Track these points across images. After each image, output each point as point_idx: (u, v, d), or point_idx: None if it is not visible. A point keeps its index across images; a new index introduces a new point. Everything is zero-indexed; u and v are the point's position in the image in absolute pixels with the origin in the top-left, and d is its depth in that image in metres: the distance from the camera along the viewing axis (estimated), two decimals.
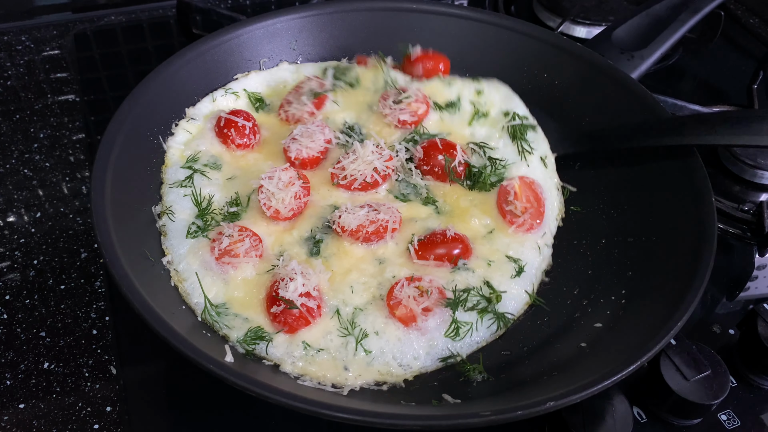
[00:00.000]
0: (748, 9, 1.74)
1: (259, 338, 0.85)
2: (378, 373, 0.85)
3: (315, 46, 1.25)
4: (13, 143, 1.27)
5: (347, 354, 0.85)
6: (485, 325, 0.90)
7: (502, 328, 0.91)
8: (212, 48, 1.16)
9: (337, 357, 0.85)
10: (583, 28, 1.55)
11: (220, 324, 0.86)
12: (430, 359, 0.87)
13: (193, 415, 0.88)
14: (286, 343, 0.85)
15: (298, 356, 0.84)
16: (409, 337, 0.87)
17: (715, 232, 0.89)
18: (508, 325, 0.91)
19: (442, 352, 0.87)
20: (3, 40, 1.52)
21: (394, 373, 0.85)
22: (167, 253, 0.93)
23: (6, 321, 0.99)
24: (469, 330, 0.89)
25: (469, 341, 0.89)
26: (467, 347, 0.89)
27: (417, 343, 0.87)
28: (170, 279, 0.91)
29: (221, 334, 0.86)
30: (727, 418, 0.90)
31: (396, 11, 1.27)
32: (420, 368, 0.87)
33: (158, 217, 0.97)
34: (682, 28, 1.28)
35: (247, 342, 0.84)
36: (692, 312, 0.80)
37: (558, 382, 0.81)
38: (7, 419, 0.87)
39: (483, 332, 0.90)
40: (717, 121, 0.96)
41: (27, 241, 1.10)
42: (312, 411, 0.70)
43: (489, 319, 0.91)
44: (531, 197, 0.97)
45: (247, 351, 0.84)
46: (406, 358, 0.86)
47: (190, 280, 0.90)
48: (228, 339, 0.86)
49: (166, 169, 1.03)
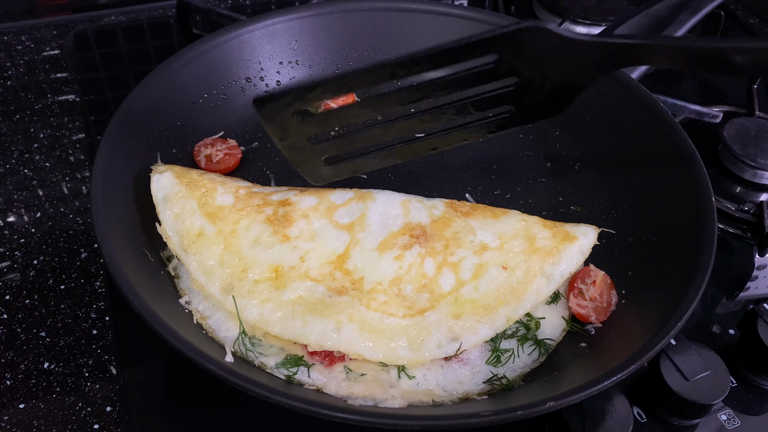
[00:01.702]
0: (748, 9, 1.74)
1: (298, 364, 0.83)
2: (424, 395, 0.83)
3: (315, 46, 1.25)
4: (13, 143, 1.27)
5: (391, 378, 0.84)
6: (526, 352, 0.88)
7: (544, 354, 0.88)
8: (212, 48, 1.16)
9: (382, 379, 0.83)
10: (583, 28, 1.55)
11: (254, 353, 0.84)
12: (474, 384, 0.85)
13: (193, 415, 0.88)
14: (328, 368, 0.83)
15: (341, 379, 0.82)
16: (452, 367, 0.86)
17: (715, 232, 0.89)
18: (549, 351, 0.89)
19: (486, 376, 0.85)
20: (3, 40, 1.52)
21: (439, 395, 0.83)
22: (183, 294, 0.91)
23: (6, 321, 0.99)
24: (511, 356, 0.87)
25: (512, 366, 0.87)
26: (510, 372, 0.86)
27: (460, 371, 0.86)
28: (170, 279, 0.91)
29: (257, 364, 0.84)
30: (727, 418, 0.90)
31: (396, 11, 1.27)
32: (464, 392, 0.84)
33: (167, 261, 0.94)
34: (682, 28, 1.28)
35: (286, 366, 0.83)
36: (692, 312, 0.80)
37: (558, 382, 0.81)
38: (7, 419, 0.87)
39: (525, 359, 0.88)
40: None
41: (27, 241, 1.10)
42: (312, 411, 0.70)
43: (530, 345, 0.89)
44: (605, 295, 0.92)
45: (288, 377, 0.82)
46: (449, 384, 0.84)
47: (214, 317, 0.88)
48: (265, 367, 0.83)
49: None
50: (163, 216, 0.94)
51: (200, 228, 0.92)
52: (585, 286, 0.92)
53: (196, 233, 0.92)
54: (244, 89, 1.20)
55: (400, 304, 0.86)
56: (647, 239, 0.97)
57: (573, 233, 0.94)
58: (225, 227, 0.92)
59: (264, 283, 0.87)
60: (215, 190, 0.96)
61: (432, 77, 0.85)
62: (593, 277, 0.92)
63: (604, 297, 0.91)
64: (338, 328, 0.82)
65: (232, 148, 1.11)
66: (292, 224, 0.92)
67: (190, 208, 0.94)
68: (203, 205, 0.94)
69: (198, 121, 1.13)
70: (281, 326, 0.83)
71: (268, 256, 0.89)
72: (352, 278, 0.88)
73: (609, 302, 0.91)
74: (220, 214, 0.94)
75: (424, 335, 0.84)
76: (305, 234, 0.92)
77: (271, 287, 0.86)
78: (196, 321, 0.88)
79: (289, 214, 0.93)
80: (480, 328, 0.85)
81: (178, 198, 0.95)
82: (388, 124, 0.90)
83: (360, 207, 0.95)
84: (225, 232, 0.92)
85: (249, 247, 0.90)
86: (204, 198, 0.95)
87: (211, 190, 0.96)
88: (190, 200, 0.95)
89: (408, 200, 0.97)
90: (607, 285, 0.92)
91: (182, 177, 0.98)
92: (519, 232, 0.93)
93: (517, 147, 1.18)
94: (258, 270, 0.88)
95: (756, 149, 1.24)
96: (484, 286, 0.88)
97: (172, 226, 0.93)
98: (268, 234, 0.91)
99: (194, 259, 0.90)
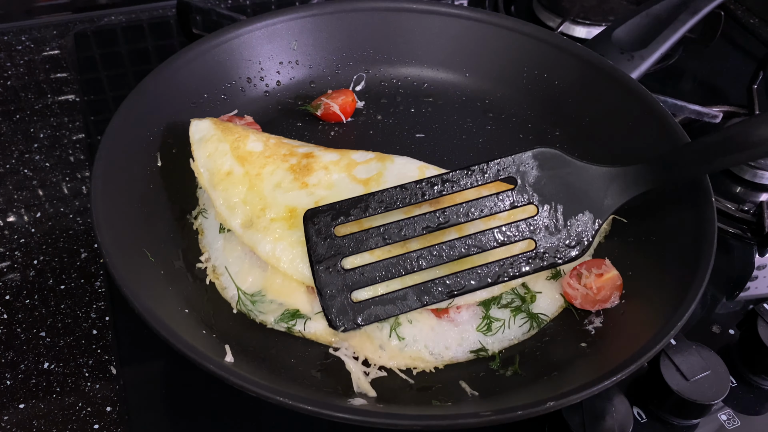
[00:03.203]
0: (748, 9, 1.74)
1: (296, 317, 0.89)
2: (410, 359, 0.87)
3: (315, 46, 1.25)
4: (13, 143, 1.27)
5: (383, 336, 0.88)
6: (517, 324, 0.91)
7: (535, 328, 0.92)
8: (212, 48, 1.16)
9: (374, 336, 0.88)
10: (583, 28, 1.55)
11: (255, 312, 0.91)
12: (461, 350, 0.89)
13: (193, 415, 0.88)
14: (325, 321, 0.88)
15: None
16: (442, 328, 0.90)
17: (715, 232, 0.89)
18: (541, 326, 0.92)
19: (474, 345, 0.89)
20: (3, 40, 1.52)
21: (426, 359, 0.88)
22: (204, 251, 0.98)
23: (6, 321, 0.99)
24: (501, 327, 0.90)
25: (501, 337, 0.90)
26: (499, 343, 0.90)
27: (449, 333, 0.90)
28: (170, 280, 0.91)
29: (258, 321, 0.90)
30: (727, 418, 0.90)
31: (396, 11, 1.27)
32: (451, 358, 0.89)
33: (194, 219, 1.01)
34: (682, 28, 1.28)
35: (285, 320, 0.89)
36: (692, 312, 0.80)
37: (558, 382, 0.81)
38: (7, 419, 0.87)
39: (515, 330, 0.91)
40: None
41: (27, 241, 1.10)
42: (312, 411, 0.70)
43: (522, 318, 0.92)
44: (604, 291, 0.91)
45: (287, 329, 0.89)
46: (437, 347, 0.89)
47: (226, 275, 0.94)
48: (266, 324, 0.90)
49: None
50: (197, 154, 1.01)
51: (230, 168, 0.99)
52: (587, 273, 0.93)
53: (226, 172, 0.99)
54: (244, 89, 1.20)
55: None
56: (647, 239, 0.97)
57: None
58: (252, 170, 0.99)
59: (279, 222, 0.93)
60: (247, 137, 1.03)
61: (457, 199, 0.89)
62: (603, 270, 0.93)
63: (602, 292, 0.91)
64: None
65: (250, 125, 1.14)
66: (312, 174, 0.98)
67: (223, 150, 1.01)
68: (235, 149, 1.01)
69: None
70: (290, 265, 0.90)
71: (286, 198, 0.95)
72: (362, 227, 0.91)
73: (605, 299, 0.91)
74: (249, 158, 1.00)
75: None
76: (323, 183, 0.97)
77: (285, 227, 0.92)
78: (209, 281, 0.94)
79: (310, 165, 0.99)
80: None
81: (213, 140, 1.02)
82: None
83: (378, 166, 0.99)
84: (251, 174, 0.98)
85: (270, 190, 0.96)
86: (236, 142, 1.02)
87: (244, 137, 1.03)
88: (224, 143, 1.02)
89: (425, 166, 1.01)
90: (614, 285, 0.92)
91: (218, 124, 1.05)
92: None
93: (517, 147, 1.18)
94: (275, 210, 0.94)
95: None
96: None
97: (204, 164, 1.01)
98: (289, 180, 0.97)
99: (221, 195, 0.97)
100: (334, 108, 1.19)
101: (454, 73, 1.28)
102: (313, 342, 0.90)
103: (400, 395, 0.84)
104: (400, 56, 1.28)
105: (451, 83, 1.28)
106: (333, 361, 0.87)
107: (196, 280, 0.94)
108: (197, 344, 0.76)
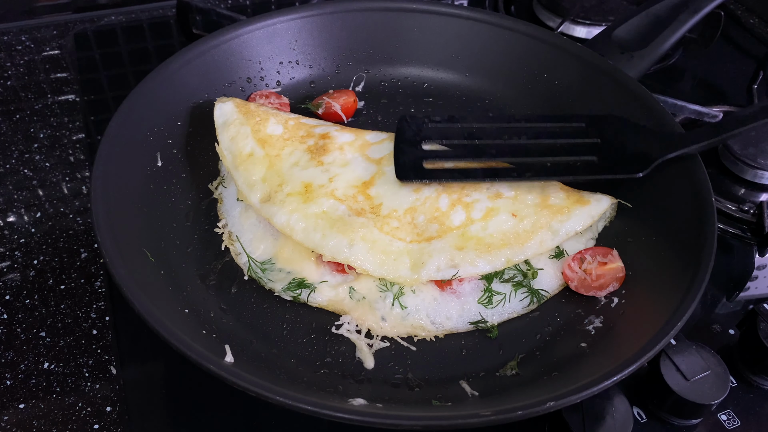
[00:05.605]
0: (748, 9, 1.74)
1: (302, 287, 0.93)
2: (411, 327, 0.91)
3: (315, 46, 1.26)
4: (13, 143, 1.27)
5: (385, 306, 0.91)
6: (518, 298, 0.94)
7: (535, 303, 0.94)
8: (212, 48, 1.16)
9: (377, 307, 0.91)
10: (583, 28, 1.55)
11: (264, 279, 0.95)
12: (462, 321, 0.92)
13: (193, 415, 0.88)
14: (331, 290, 0.93)
15: (341, 299, 0.92)
16: (445, 299, 0.93)
17: (715, 232, 0.89)
18: (541, 302, 0.94)
19: (474, 316, 0.92)
20: (3, 40, 1.52)
21: (427, 328, 0.91)
22: (222, 218, 1.03)
23: (6, 321, 0.99)
24: (502, 300, 0.93)
25: (501, 310, 0.93)
26: (498, 315, 0.93)
27: (451, 304, 0.93)
28: (170, 280, 0.91)
29: (267, 287, 0.95)
30: (727, 418, 0.90)
31: (396, 11, 1.27)
32: (451, 328, 0.91)
33: (215, 189, 1.06)
34: (682, 28, 1.28)
35: (291, 289, 0.93)
36: (692, 312, 0.80)
37: (558, 382, 0.81)
38: (7, 419, 0.87)
39: (515, 304, 0.94)
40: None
41: (27, 241, 1.10)
42: (312, 411, 0.70)
43: (523, 292, 0.94)
44: (602, 279, 0.93)
45: (293, 298, 0.93)
46: (439, 317, 0.92)
47: (239, 243, 0.99)
48: (274, 291, 0.94)
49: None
50: (221, 137, 1.07)
51: (251, 150, 1.05)
52: (590, 258, 0.95)
53: (247, 154, 1.04)
54: (244, 89, 1.20)
55: (410, 231, 0.95)
56: (647, 239, 0.97)
57: (587, 198, 1.00)
58: (272, 152, 1.05)
59: (295, 196, 0.98)
60: (268, 120, 1.09)
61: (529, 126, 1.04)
62: (608, 260, 0.94)
63: (601, 281, 0.92)
64: (351, 245, 0.92)
65: (283, 105, 1.19)
66: (328, 153, 1.03)
67: (245, 133, 1.07)
68: (256, 132, 1.07)
69: (198, 121, 1.13)
70: (303, 235, 0.94)
71: (302, 174, 1.01)
72: (372, 203, 0.97)
73: (602, 287, 0.92)
74: (270, 141, 1.06)
75: (426, 258, 0.92)
76: (338, 161, 1.02)
77: (299, 200, 0.97)
78: (224, 247, 0.99)
79: (327, 145, 1.05)
80: (479, 262, 0.92)
81: (236, 124, 1.08)
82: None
83: (390, 146, 1.03)
84: (271, 155, 1.04)
85: (288, 168, 1.02)
86: (257, 126, 1.08)
87: (264, 120, 1.09)
88: (246, 126, 1.07)
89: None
90: (615, 276, 0.93)
91: (241, 107, 1.10)
92: (535, 189, 0.99)
93: None
94: (291, 185, 0.99)
95: (756, 149, 1.24)
96: (492, 228, 0.95)
97: (227, 147, 1.06)
98: (306, 159, 1.03)
99: (242, 175, 1.03)
100: (335, 107, 1.19)
101: (454, 73, 1.28)
102: (314, 341, 0.90)
103: (400, 395, 0.84)
104: (400, 56, 1.28)
105: (451, 83, 1.28)
106: (333, 361, 0.88)
107: (199, 271, 0.95)
108: (197, 344, 0.76)
